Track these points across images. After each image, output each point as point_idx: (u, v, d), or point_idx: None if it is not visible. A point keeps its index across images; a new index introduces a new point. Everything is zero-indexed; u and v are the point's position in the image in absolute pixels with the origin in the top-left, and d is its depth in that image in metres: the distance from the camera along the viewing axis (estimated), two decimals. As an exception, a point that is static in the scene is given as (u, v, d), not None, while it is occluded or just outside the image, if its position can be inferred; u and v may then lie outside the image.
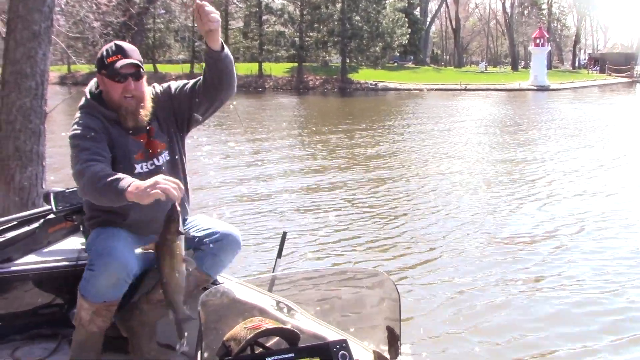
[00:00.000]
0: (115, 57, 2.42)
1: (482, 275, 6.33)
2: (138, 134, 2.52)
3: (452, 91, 44.53)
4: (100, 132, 2.40)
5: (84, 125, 2.40)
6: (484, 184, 11.43)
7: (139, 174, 2.46)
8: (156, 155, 2.55)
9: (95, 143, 2.33)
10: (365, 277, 2.09)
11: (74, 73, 50.13)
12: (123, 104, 2.45)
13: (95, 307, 2.38)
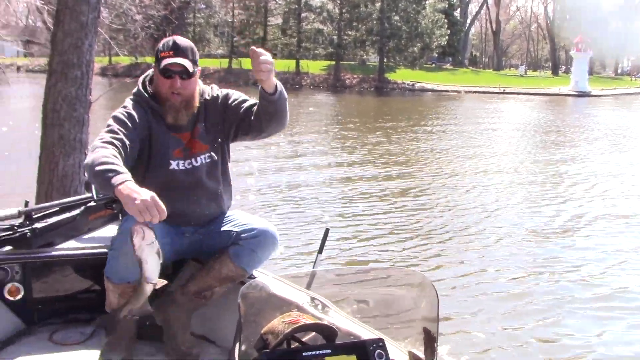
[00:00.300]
0: (167, 53, 2.44)
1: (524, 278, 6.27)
2: (180, 131, 2.54)
3: (490, 94, 43.99)
4: (140, 122, 2.43)
5: (126, 111, 2.44)
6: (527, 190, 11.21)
7: (174, 171, 2.50)
8: (195, 156, 2.56)
9: (125, 130, 2.34)
10: (402, 277, 2.08)
11: (114, 65, 51.12)
12: (169, 99, 2.48)
13: (120, 289, 2.42)
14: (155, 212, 1.92)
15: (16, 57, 46.45)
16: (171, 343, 2.60)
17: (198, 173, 2.56)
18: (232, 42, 54.91)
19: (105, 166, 2.07)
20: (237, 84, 45.55)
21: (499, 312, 5.42)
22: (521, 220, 8.63)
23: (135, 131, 2.39)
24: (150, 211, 1.91)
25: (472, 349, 4.71)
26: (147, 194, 1.95)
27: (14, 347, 2.60)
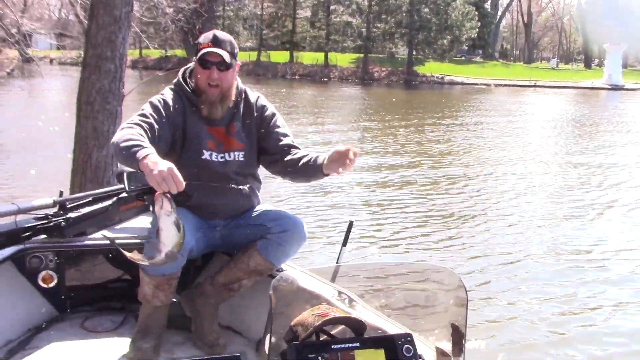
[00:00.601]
0: (207, 44, 2.50)
1: (554, 281, 6.11)
2: (214, 125, 2.58)
3: (520, 87, 43.39)
4: (174, 111, 2.48)
5: (162, 98, 2.50)
6: (560, 187, 10.95)
7: (206, 161, 2.54)
8: (229, 151, 2.60)
9: (157, 115, 2.39)
10: (431, 272, 2.09)
11: (145, 57, 51.68)
12: (207, 91, 2.52)
13: (155, 281, 2.47)
14: (172, 183, 1.96)
15: (49, 50, 47.21)
16: (199, 333, 2.66)
17: (230, 167, 2.60)
18: (261, 35, 55.09)
19: (129, 142, 2.12)
20: (265, 77, 45.84)
21: (535, 312, 5.33)
22: (557, 223, 8.36)
23: (168, 118, 2.44)
24: (167, 182, 1.96)
25: (502, 347, 4.67)
26: (165, 165, 1.99)
27: (46, 333, 2.68)
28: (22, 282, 2.73)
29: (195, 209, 2.56)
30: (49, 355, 2.48)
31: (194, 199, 2.51)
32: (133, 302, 2.82)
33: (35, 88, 26.07)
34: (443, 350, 1.87)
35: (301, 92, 33.18)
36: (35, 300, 2.77)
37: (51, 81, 22.09)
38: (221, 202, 2.61)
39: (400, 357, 1.77)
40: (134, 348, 2.52)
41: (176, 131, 2.50)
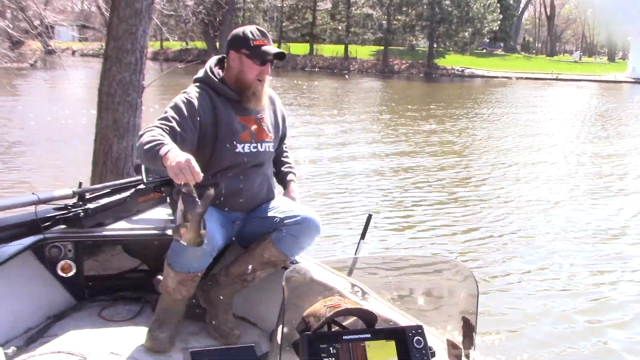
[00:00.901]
0: (261, 41, 2.56)
1: (571, 278, 6.04)
2: (246, 114, 2.63)
3: (542, 80, 42.92)
4: (201, 109, 2.49)
5: (186, 97, 2.49)
6: (584, 183, 10.79)
7: (240, 153, 2.58)
8: (262, 142, 2.66)
9: (179, 118, 2.40)
10: (442, 265, 2.11)
11: (165, 49, 51.90)
12: (253, 85, 2.58)
13: (180, 277, 2.51)
14: (189, 173, 2.00)
15: (71, 42, 47.64)
16: (213, 323, 2.70)
17: (261, 157, 2.67)
18: (281, 27, 55.07)
19: (151, 143, 2.17)
20: (285, 69, 45.79)
21: (547, 308, 5.31)
22: (583, 214, 8.31)
23: (192, 117, 2.45)
24: (185, 173, 2.00)
25: (510, 342, 4.66)
26: (183, 157, 2.03)
27: (65, 322, 2.73)
28: (42, 271, 2.78)
29: (221, 201, 2.60)
30: (67, 342, 2.53)
31: (223, 189, 2.55)
32: (149, 292, 2.87)
33: (57, 79, 26.35)
34: (454, 343, 1.89)
35: (321, 85, 33.16)
36: (54, 289, 2.83)
37: (73, 73, 22.31)
38: (248, 192, 2.65)
39: (411, 348, 1.79)
40: (151, 337, 2.56)
41: (207, 128, 2.52)
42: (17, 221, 2.72)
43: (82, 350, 2.43)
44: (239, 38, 2.58)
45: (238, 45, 2.58)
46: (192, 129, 2.44)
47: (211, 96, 2.56)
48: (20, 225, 2.71)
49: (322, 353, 1.74)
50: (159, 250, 2.92)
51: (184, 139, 2.39)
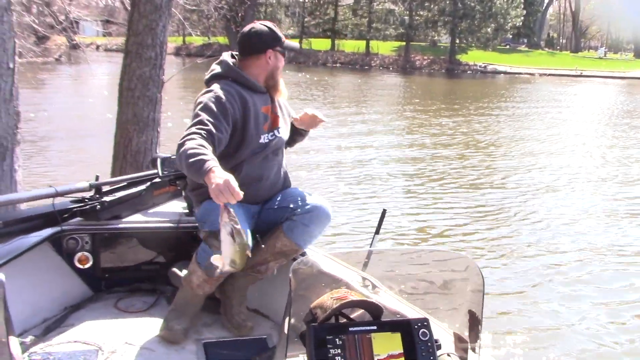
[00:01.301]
0: (285, 36, 2.72)
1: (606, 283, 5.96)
2: (266, 105, 2.69)
3: (566, 77, 42.38)
4: (231, 107, 2.49)
5: (214, 96, 2.48)
6: (617, 182, 10.57)
7: (261, 144, 2.63)
8: (277, 128, 2.72)
9: (214, 120, 2.40)
10: (450, 259, 2.13)
11: (188, 45, 52.20)
12: (278, 78, 2.70)
13: (207, 276, 2.57)
14: (229, 195, 2.03)
15: (96, 37, 48.16)
16: (227, 315, 2.75)
17: (277, 144, 2.72)
18: (303, 23, 55.04)
19: (194, 158, 2.17)
20: (306, 65, 45.79)
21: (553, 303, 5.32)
22: (614, 213, 8.17)
23: (226, 117, 2.46)
24: (225, 194, 2.03)
25: (515, 337, 4.68)
26: (222, 178, 2.05)
27: (82, 312, 2.80)
28: (60, 263, 2.85)
29: (241, 190, 2.62)
30: (83, 332, 2.59)
31: (243, 176, 2.55)
32: (164, 284, 2.92)
33: (81, 74, 26.70)
34: (460, 336, 1.90)
35: (343, 80, 33.16)
36: (72, 280, 2.90)
37: (97, 67, 22.62)
38: (267, 180, 2.69)
39: (416, 340, 1.81)
40: (166, 327, 2.61)
41: (237, 123, 2.54)
42: (35, 213, 2.79)
43: (98, 340, 2.49)
44: (275, 36, 2.66)
45: (275, 43, 2.66)
46: (226, 128, 2.46)
47: (238, 90, 2.58)
48: (38, 217, 2.78)
49: (328, 344, 1.77)
50: (175, 242, 2.97)
51: (220, 141, 2.41)
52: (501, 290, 5.61)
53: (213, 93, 2.49)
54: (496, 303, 5.25)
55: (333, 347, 1.77)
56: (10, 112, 4.22)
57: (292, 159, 10.79)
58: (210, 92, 2.51)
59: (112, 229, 2.89)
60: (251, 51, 2.65)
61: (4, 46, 4.12)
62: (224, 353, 2.51)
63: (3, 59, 4.14)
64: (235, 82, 2.60)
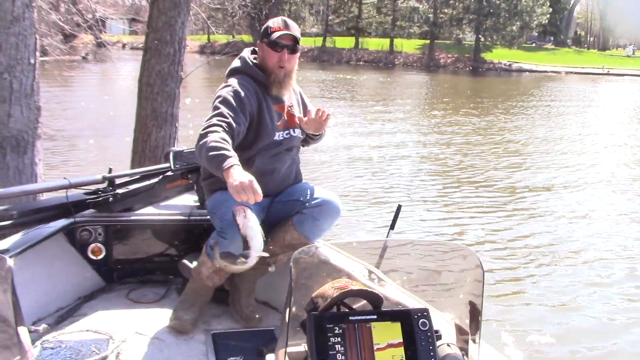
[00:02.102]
0: (278, 28, 2.63)
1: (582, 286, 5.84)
2: (279, 103, 2.71)
3: (592, 75, 41.78)
4: (248, 100, 2.55)
5: (232, 90, 2.54)
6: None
7: (276, 141, 2.66)
8: (293, 127, 2.74)
9: (233, 113, 2.45)
10: (451, 251, 2.13)
11: (212, 43, 52.51)
12: (274, 72, 2.64)
13: (217, 268, 2.58)
14: (251, 194, 2.07)
15: (122, 35, 48.73)
16: (235, 306, 2.78)
17: (292, 143, 2.74)
18: (327, 21, 55.04)
19: (215, 152, 2.22)
20: (330, 63, 45.86)
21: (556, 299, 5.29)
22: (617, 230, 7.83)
23: (244, 111, 2.51)
24: (247, 192, 2.07)
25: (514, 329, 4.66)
26: (246, 177, 2.10)
27: (94, 302, 2.84)
28: (73, 254, 2.90)
29: None
30: (95, 322, 2.63)
31: (254, 168, 2.59)
32: (175, 275, 2.96)
33: (107, 72, 27.00)
34: (461, 327, 1.90)
35: (367, 79, 33.07)
36: (85, 271, 2.94)
37: (122, 65, 22.88)
38: (279, 174, 2.72)
39: (416, 330, 1.81)
40: (175, 317, 2.65)
41: (254, 117, 2.59)
42: (49, 204, 2.84)
43: (109, 330, 2.53)
44: (263, 29, 2.69)
45: (261, 36, 2.69)
46: (244, 122, 2.51)
47: (254, 86, 2.64)
48: (52, 208, 2.83)
49: (328, 333, 1.79)
50: (186, 235, 3.00)
51: (239, 134, 2.46)
52: (506, 283, 5.65)
53: (231, 87, 2.56)
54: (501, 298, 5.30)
55: (333, 336, 1.79)
56: (31, 107, 4.30)
57: (316, 156, 10.84)
58: (228, 86, 2.57)
59: (124, 220, 2.93)
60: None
61: (25, 42, 4.20)
62: (232, 344, 2.53)
63: (25, 55, 4.22)
64: (251, 78, 2.66)
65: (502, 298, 5.35)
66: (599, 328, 4.94)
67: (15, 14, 4.04)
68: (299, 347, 1.86)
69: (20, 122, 4.18)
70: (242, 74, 2.67)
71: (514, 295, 5.46)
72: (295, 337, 1.84)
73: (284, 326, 1.82)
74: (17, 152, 4.21)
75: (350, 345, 1.78)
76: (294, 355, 1.85)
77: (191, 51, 45.37)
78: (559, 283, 5.77)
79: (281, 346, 1.83)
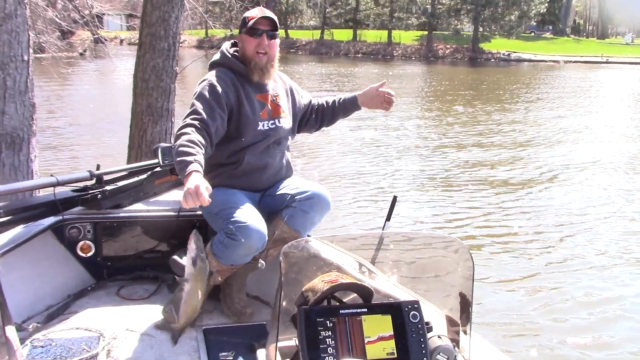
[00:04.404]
0: (254, 16, 2.63)
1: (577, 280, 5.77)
2: (263, 92, 2.69)
3: (591, 64, 41.70)
4: (225, 93, 2.55)
5: (210, 85, 2.56)
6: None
7: (261, 132, 2.63)
8: (279, 117, 2.72)
9: (209, 109, 2.47)
10: (441, 243, 2.12)
11: (210, 37, 52.35)
12: (254, 59, 2.63)
13: (222, 268, 2.57)
14: (196, 199, 2.11)
15: (119, 31, 48.61)
16: (227, 301, 2.76)
17: (279, 133, 2.71)
18: (325, 14, 54.88)
19: (181, 157, 2.26)
20: (328, 55, 45.80)
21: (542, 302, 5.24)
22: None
23: (220, 104, 2.52)
24: (193, 198, 2.11)
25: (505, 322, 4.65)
26: (194, 183, 2.13)
27: (84, 300, 2.82)
28: (62, 251, 2.88)
29: (245, 179, 2.66)
30: (85, 320, 2.61)
31: (245, 164, 2.60)
32: (166, 272, 2.94)
33: (105, 68, 26.96)
34: (452, 319, 1.90)
35: (366, 71, 32.99)
36: (74, 268, 2.92)
37: (120, 61, 22.85)
38: (270, 168, 2.70)
39: (407, 322, 1.81)
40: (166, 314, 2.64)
41: (233, 109, 2.59)
42: (37, 202, 2.82)
43: (100, 327, 2.51)
44: (241, 21, 2.68)
45: (240, 27, 2.68)
46: (221, 115, 2.51)
47: (232, 78, 2.63)
48: (40, 206, 2.81)
49: (319, 326, 1.79)
50: (175, 231, 2.98)
51: (217, 128, 2.47)
52: (502, 277, 5.64)
53: (207, 81, 2.58)
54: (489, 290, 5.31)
55: (324, 329, 1.79)
56: (25, 104, 4.28)
57: (313, 147, 10.83)
58: (204, 80, 2.59)
59: (113, 217, 2.91)
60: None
61: (18, 39, 4.18)
62: (223, 339, 2.52)
63: (18, 52, 4.20)
64: (229, 70, 2.66)
65: (493, 290, 5.36)
66: (590, 318, 4.94)
67: (7, 11, 4.02)
68: (289, 342, 1.86)
69: (15, 119, 4.16)
70: (220, 66, 2.68)
71: (505, 286, 5.47)
72: (286, 332, 1.84)
73: (274, 321, 1.82)
74: (13, 150, 4.19)
75: (341, 338, 1.78)
76: (285, 349, 1.85)
77: (189, 46, 45.27)
78: (552, 274, 5.75)
79: (272, 341, 1.82)
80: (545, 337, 4.58)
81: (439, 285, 2.06)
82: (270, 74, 2.70)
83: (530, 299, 5.21)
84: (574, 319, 4.90)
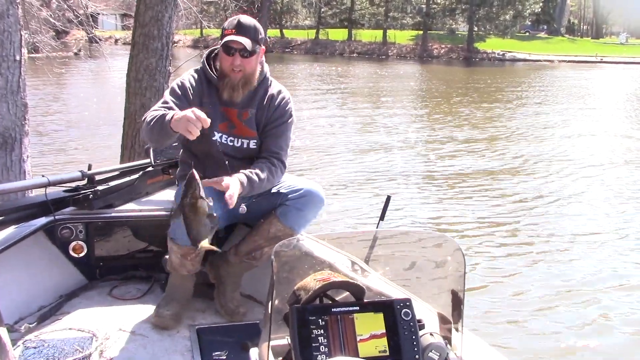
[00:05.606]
0: (231, 31, 2.53)
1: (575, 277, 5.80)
2: (230, 106, 2.62)
3: (585, 63, 41.81)
4: (192, 92, 2.57)
5: (180, 81, 2.60)
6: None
7: (215, 142, 2.59)
8: (240, 137, 2.64)
9: (177, 101, 2.50)
10: (433, 240, 2.13)
11: (205, 37, 52.28)
12: (230, 75, 2.56)
13: (182, 250, 2.53)
14: (197, 122, 2.11)
15: (114, 30, 48.49)
16: (220, 301, 2.76)
17: (239, 152, 2.65)
18: (320, 13, 54.88)
19: (155, 118, 2.30)
20: (323, 55, 45.76)
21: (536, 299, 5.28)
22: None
23: (187, 99, 2.53)
24: (194, 122, 2.11)
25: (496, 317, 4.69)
26: (184, 113, 2.14)
27: (77, 300, 2.81)
28: (54, 252, 2.87)
29: None
30: (77, 320, 2.61)
31: (208, 175, 2.48)
32: (159, 271, 2.94)
33: (99, 67, 26.89)
34: (444, 316, 1.91)
35: (360, 71, 32.97)
36: (67, 269, 2.91)
37: (114, 61, 22.82)
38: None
39: (399, 320, 1.82)
40: (156, 314, 2.63)
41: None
42: (29, 202, 2.81)
43: (92, 327, 2.51)
44: (221, 29, 2.61)
45: (220, 35, 2.62)
46: (187, 108, 2.49)
47: (203, 83, 2.62)
48: (32, 206, 2.80)
49: (311, 325, 1.79)
50: None
51: None
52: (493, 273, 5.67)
53: (180, 78, 2.63)
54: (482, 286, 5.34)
55: (316, 328, 1.79)
56: (18, 104, 4.26)
57: (307, 147, 10.83)
58: (179, 77, 2.64)
59: (105, 217, 2.90)
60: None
61: (10, 39, 4.15)
62: (216, 338, 2.52)
63: (10, 52, 4.17)
64: (204, 74, 2.65)
65: (486, 287, 5.38)
66: (584, 317, 4.95)
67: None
68: (282, 340, 1.86)
69: (7, 119, 4.14)
70: (197, 69, 2.68)
71: (497, 285, 5.49)
72: (279, 331, 1.84)
73: (267, 320, 1.82)
74: (5, 150, 4.17)
75: (333, 337, 1.78)
76: (277, 348, 1.85)
77: (184, 45, 45.21)
78: (544, 273, 5.79)
79: (264, 340, 1.82)
80: (537, 334, 4.62)
81: (431, 282, 2.06)
82: (243, 92, 2.60)
83: (522, 296, 5.25)
84: (565, 316, 4.93)
